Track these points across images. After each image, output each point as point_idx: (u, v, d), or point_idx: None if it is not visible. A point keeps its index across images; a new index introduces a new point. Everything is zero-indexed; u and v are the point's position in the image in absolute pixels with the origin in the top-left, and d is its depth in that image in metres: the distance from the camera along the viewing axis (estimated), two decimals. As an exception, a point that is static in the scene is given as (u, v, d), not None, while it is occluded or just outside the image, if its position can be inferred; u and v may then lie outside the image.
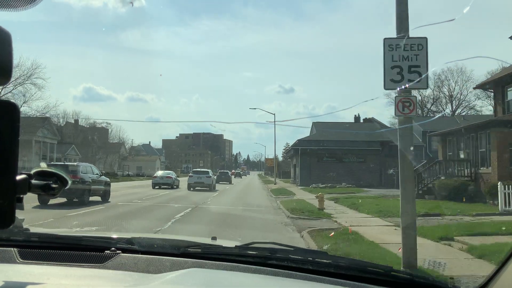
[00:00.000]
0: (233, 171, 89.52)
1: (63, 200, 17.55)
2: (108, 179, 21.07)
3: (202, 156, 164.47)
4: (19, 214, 1.05)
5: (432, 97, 68.29)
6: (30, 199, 16.45)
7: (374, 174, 42.02)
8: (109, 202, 19.33)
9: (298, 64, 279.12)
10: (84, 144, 64.83)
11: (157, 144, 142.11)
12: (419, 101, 65.41)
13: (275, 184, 49.52)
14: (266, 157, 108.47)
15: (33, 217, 12.81)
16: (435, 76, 64.45)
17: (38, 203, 16.60)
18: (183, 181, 36.98)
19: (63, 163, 20.00)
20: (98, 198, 19.28)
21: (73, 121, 69.50)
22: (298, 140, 46.40)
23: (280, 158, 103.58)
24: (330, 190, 29.91)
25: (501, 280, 1.57)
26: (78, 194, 17.44)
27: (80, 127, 69.18)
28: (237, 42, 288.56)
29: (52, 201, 17.20)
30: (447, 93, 67.72)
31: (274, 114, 52.19)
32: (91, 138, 70.59)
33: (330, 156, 43.25)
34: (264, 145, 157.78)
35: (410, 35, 6.62)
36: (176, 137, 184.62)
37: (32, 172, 1.12)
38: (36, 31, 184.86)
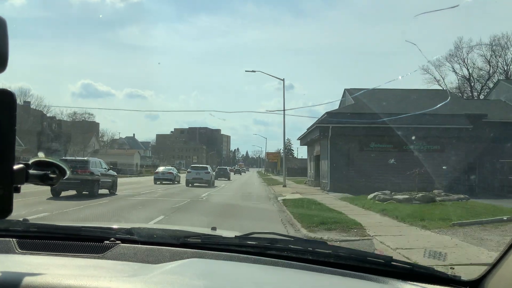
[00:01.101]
0: (231, 167, 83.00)
1: (74, 192, 18.02)
2: (115, 173, 21.66)
3: (196, 152, 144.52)
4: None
5: (488, 71, 49.61)
6: (43, 192, 16.92)
7: (459, 171, 22.95)
8: (116, 194, 19.84)
9: (297, 60, 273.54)
10: (36, 133, 50.03)
11: (152, 139, 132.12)
12: (465, 77, 49.85)
13: (284, 186, 30.39)
14: (267, 151, 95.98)
15: (47, 208, 13.24)
16: (493, 42, 47.39)
17: (51, 195, 17.12)
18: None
19: (74, 158, 20.16)
20: (106, 191, 19.74)
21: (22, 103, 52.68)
22: (327, 113, 26.34)
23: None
24: (442, 212, 12.68)
25: (502, 270, 1.49)
26: (89, 187, 18.08)
27: (32, 111, 53.63)
28: (236, 38, 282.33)
29: (64, 193, 17.72)
30: (502, 69, 48.90)
31: (283, 80, 35.73)
32: (47, 126, 56.24)
33: (382, 140, 24.19)
34: (264, 137, 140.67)
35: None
36: (171, 132, 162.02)
37: (30, 162, 1.08)
38: (33, 27, 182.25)
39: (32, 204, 13.73)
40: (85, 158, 19.90)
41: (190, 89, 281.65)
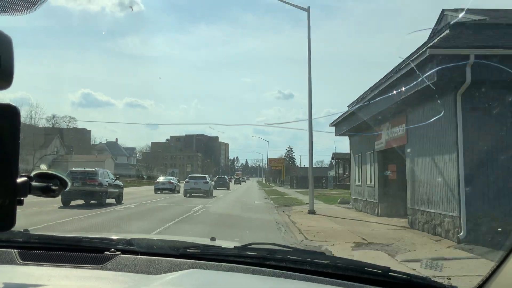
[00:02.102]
0: (230, 177, 75.92)
1: (83, 201, 18.30)
2: (121, 183, 21.68)
3: (191, 159, 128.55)
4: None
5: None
6: (54, 201, 16.89)
7: None
8: (123, 203, 19.96)
9: (297, 69, 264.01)
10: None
11: (140, 147, 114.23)
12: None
13: (312, 213, 15.72)
14: (269, 157, 77.63)
15: (58, 216, 13.64)
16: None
17: (61, 205, 17.34)
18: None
19: (83, 169, 20.28)
20: (113, 200, 19.84)
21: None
22: (452, 27, 9.54)
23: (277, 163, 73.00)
24: None
25: (498, 280, 1.44)
26: (97, 197, 18.30)
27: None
28: (235, 48, 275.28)
29: (74, 203, 17.94)
30: None
31: (308, 9, 16.89)
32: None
33: None
34: (266, 140, 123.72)
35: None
36: (167, 139, 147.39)
37: (33, 174, 1.05)
38: (34, 36, 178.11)
39: (45, 212, 14.15)
40: (94, 169, 19.98)
41: (190, 98, 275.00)
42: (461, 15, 10.25)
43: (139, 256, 1.70)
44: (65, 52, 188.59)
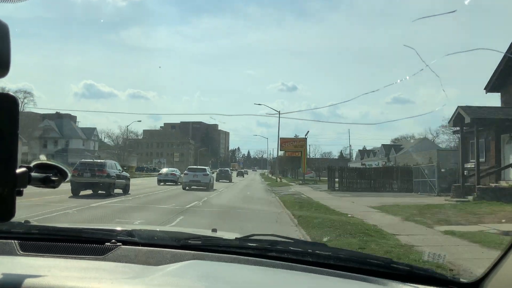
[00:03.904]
0: (231, 169, 66.65)
1: (91, 192, 18.47)
2: (128, 174, 21.93)
3: (180, 148, 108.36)
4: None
5: None
6: (63, 191, 17.20)
7: None
8: (129, 194, 20.09)
9: (300, 62, 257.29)
10: None
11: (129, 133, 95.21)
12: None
13: None
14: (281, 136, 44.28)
15: (70, 205, 13.77)
16: None
17: (71, 194, 17.54)
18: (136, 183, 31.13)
19: (92, 160, 20.39)
20: (120, 191, 19.97)
21: None
22: None
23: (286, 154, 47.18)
24: None
25: (502, 271, 1.38)
26: (106, 187, 18.47)
27: None
28: (239, 40, 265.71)
29: (83, 192, 18.10)
30: None
31: None
32: None
33: None
34: (277, 111, 53.70)
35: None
36: (161, 127, 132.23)
37: (32, 164, 1.03)
38: (35, 27, 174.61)
39: (55, 201, 14.27)
40: (102, 161, 20.29)
41: (193, 90, 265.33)
42: None
43: (140, 247, 1.66)
44: (67, 43, 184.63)
